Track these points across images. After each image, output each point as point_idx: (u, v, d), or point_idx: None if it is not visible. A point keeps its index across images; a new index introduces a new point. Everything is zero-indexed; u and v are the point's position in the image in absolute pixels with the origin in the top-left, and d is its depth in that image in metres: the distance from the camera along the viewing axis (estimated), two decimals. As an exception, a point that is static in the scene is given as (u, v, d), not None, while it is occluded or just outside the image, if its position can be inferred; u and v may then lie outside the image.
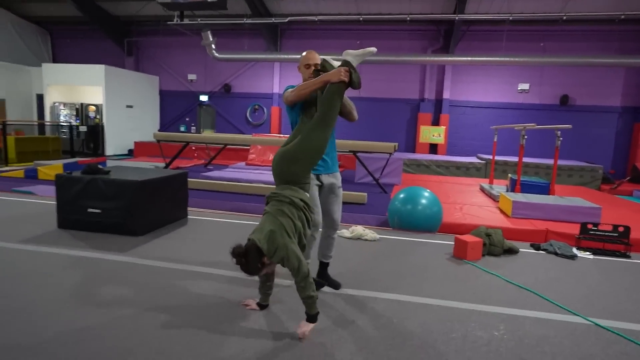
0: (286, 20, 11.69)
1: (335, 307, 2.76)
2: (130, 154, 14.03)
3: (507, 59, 11.45)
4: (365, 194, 6.37)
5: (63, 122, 13.45)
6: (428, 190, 4.91)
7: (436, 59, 12.22)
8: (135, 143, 13.40)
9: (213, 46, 12.44)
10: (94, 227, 4.18)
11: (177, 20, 12.06)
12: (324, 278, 3.11)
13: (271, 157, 9.74)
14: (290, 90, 2.76)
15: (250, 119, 15.12)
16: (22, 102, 14.49)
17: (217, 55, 12.63)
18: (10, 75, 14.00)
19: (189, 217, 5.02)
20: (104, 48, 15.66)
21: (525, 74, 13.15)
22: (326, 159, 2.88)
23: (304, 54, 2.89)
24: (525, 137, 6.66)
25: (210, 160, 10.18)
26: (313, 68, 2.82)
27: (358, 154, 7.77)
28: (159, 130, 15.92)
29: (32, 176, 7.35)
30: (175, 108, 15.93)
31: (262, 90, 14.91)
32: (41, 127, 13.80)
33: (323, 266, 3.12)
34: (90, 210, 4.16)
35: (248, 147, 10.79)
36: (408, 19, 11.46)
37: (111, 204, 4.11)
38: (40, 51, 16.02)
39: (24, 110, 14.51)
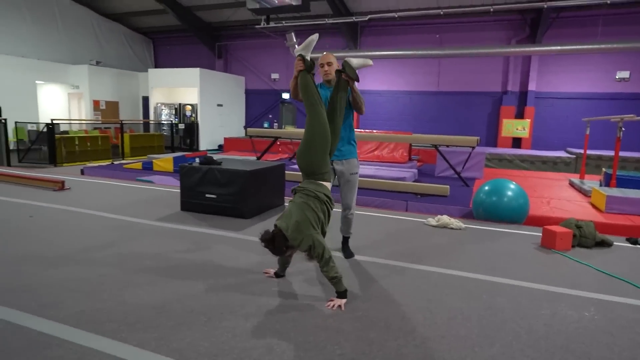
0: (367, 19, 12.00)
1: (431, 283, 3.09)
2: (220, 148, 15.32)
3: (605, 45, 10.69)
4: (448, 186, 6.53)
5: (165, 120, 15.07)
6: (514, 183, 4.98)
7: (524, 49, 11.75)
8: (225, 139, 14.61)
9: (296, 46, 13.14)
10: (210, 210, 4.90)
11: (263, 24, 12.95)
12: (343, 249, 3.62)
13: (352, 151, 10.18)
14: None
15: (329, 115, 15.68)
16: (131, 103, 16.46)
17: (300, 55, 13.30)
18: (123, 80, 15.98)
19: (285, 204, 5.61)
20: (197, 52, 17.19)
21: (625, 60, 12.15)
22: (341, 148, 3.29)
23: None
24: (623, 129, 6.34)
25: (295, 154, 10.86)
26: (326, 67, 3.29)
27: (440, 148, 7.88)
28: (245, 127, 17.15)
29: (148, 168, 8.51)
30: (259, 106, 17.02)
31: (341, 87, 15.38)
32: (145, 125, 15.59)
33: (344, 239, 3.65)
34: (207, 195, 4.88)
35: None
36: (492, 9, 11.18)
37: (225, 190, 4.79)
38: (145, 58, 18.03)
39: (133, 111, 16.48)
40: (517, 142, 13.38)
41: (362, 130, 13.79)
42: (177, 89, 15.44)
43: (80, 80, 14.82)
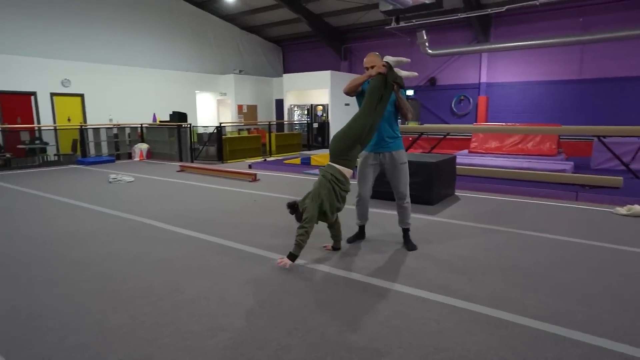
0: (504, 9, 11.77)
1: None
2: (347, 146, 16.24)
3: None
4: (621, 178, 6.34)
5: (301, 121, 16.45)
6: None
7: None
8: (354, 136, 15.46)
9: (427, 44, 13.40)
10: (392, 197, 5.54)
11: (393, 24, 13.44)
12: (405, 242, 3.71)
13: (494, 144, 10.19)
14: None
15: (455, 110, 15.64)
16: (266, 106, 18.26)
17: (430, 52, 13.54)
18: (259, 86, 17.82)
19: (455, 192, 6.05)
20: (323, 55, 18.37)
21: None
22: (386, 139, 3.55)
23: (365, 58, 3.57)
24: None
25: (432, 148, 11.19)
26: (370, 69, 3.46)
27: (604, 139, 7.58)
28: (368, 124, 17.89)
29: (306, 163, 9.59)
30: (382, 103, 17.58)
31: (469, 80, 15.24)
32: (279, 126, 17.17)
33: (404, 232, 3.75)
34: (394, 184, 5.53)
35: (463, 136, 11.46)
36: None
37: (411, 180, 5.38)
38: (276, 64, 19.80)
39: (267, 113, 18.27)
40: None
41: (494, 123, 13.56)
42: (309, 91, 16.74)
43: (227, 88, 16.92)
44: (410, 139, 10.82)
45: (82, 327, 2.33)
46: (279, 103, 17.93)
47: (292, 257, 3.18)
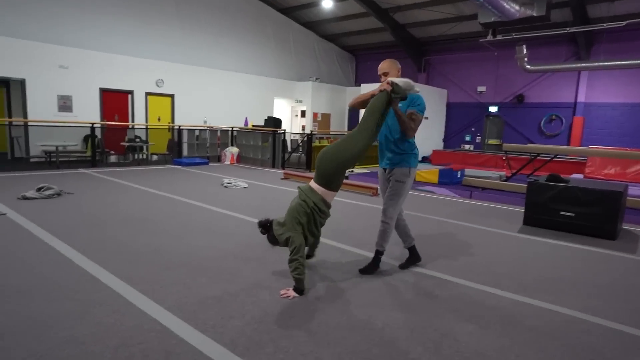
0: (623, 24, 10.94)
1: None
2: (424, 161, 15.67)
3: None
4: None
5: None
6: None
7: None
8: (434, 151, 14.91)
9: (525, 59, 12.71)
10: (564, 227, 4.99)
11: (490, 37, 12.85)
12: (372, 262, 3.38)
13: (614, 170, 9.37)
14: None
15: (544, 129, 14.76)
16: (339, 115, 18.01)
17: (529, 67, 12.83)
18: (334, 95, 17.61)
19: (623, 226, 5.42)
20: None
21: None
22: (388, 155, 3.28)
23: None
24: None
25: (535, 170, 10.46)
26: (382, 77, 3.28)
27: None
28: (444, 140, 17.27)
29: (408, 178, 9.13)
30: (460, 119, 16.93)
31: (562, 99, 14.35)
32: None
33: (376, 253, 3.38)
34: (562, 213, 4.99)
35: (566, 159, 10.65)
36: None
37: (587, 209, 4.82)
38: (348, 73, 19.58)
39: (340, 122, 18.01)
40: None
41: (597, 146, 12.59)
42: (386, 102, 16.33)
43: (304, 95, 16.81)
44: (503, 158, 10.13)
45: None
46: (354, 113, 17.61)
47: (299, 291, 2.90)
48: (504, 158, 12.46)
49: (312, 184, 3.02)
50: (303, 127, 16.90)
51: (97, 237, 4.04)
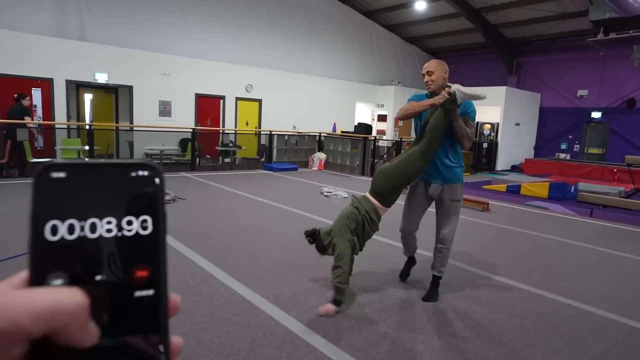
0: None
1: None
2: (513, 170, 14.65)
3: None
4: None
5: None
6: None
7: None
8: (526, 159, 13.88)
9: (643, 60, 11.40)
10: None
11: (601, 36, 11.70)
12: (430, 290, 3.07)
13: None
14: (406, 104, 2.97)
15: (659, 139, 13.16)
16: (420, 120, 17.42)
17: (648, 70, 11.49)
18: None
19: None
20: (488, 69, 16.97)
21: None
22: (442, 171, 2.96)
23: None
24: None
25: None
26: (426, 77, 2.93)
27: None
28: (535, 147, 16.04)
29: (512, 191, 8.48)
30: (555, 125, 15.62)
31: (685, 105, 12.70)
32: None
33: (433, 278, 3.10)
34: None
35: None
36: None
37: None
38: (430, 76, 18.90)
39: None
40: None
41: None
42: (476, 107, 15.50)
43: (386, 99, 16.46)
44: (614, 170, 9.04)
45: None
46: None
47: (337, 302, 2.77)
48: (615, 170, 11.27)
49: (368, 194, 2.98)
50: (379, 132, 16.56)
51: (226, 247, 4.07)
